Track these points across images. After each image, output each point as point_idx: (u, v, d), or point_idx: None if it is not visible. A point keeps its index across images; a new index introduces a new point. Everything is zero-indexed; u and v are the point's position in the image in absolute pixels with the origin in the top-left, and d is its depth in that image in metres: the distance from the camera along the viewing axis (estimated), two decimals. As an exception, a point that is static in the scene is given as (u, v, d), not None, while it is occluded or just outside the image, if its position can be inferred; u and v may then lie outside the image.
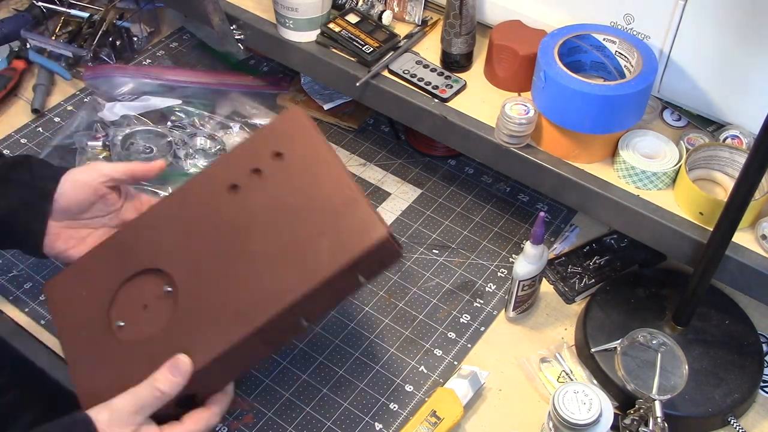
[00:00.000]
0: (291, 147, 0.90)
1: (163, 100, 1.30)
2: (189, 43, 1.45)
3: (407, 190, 1.22)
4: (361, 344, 1.04)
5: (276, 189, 0.88)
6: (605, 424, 0.84)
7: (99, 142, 1.21)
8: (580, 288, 1.08)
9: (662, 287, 1.04)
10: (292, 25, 1.10)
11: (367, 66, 1.08)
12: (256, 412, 0.98)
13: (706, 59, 0.93)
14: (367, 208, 0.83)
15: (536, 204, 1.20)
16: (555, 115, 0.95)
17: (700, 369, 0.95)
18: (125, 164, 0.99)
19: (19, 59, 1.36)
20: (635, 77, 0.91)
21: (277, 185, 0.89)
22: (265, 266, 0.84)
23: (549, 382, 0.99)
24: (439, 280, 1.10)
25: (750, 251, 0.90)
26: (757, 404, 0.98)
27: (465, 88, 1.06)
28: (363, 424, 0.96)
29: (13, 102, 1.34)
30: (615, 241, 1.13)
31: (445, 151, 1.25)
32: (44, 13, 1.42)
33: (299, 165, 0.89)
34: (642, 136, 0.97)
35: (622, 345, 0.91)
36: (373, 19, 1.12)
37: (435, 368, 1.01)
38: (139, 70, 1.34)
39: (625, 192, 0.95)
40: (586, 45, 0.97)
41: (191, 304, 0.85)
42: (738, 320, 1.01)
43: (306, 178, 0.88)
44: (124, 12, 1.41)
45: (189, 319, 0.85)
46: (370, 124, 1.32)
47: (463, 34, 1.04)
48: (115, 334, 0.87)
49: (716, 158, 0.95)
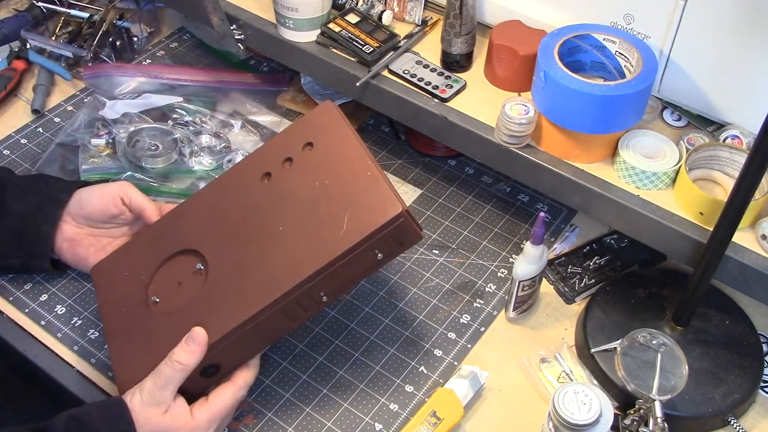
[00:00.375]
0: (321, 136, 0.96)
1: (164, 98, 1.30)
2: (189, 43, 1.45)
3: (407, 190, 1.22)
4: (362, 344, 1.04)
5: (304, 174, 0.94)
6: (605, 424, 0.84)
7: (102, 140, 1.21)
8: (580, 288, 1.08)
9: (662, 287, 1.04)
10: (292, 25, 1.10)
11: (367, 66, 1.08)
12: (256, 413, 0.98)
13: (706, 59, 0.92)
14: (386, 187, 0.88)
15: (536, 204, 1.20)
16: (555, 115, 0.95)
17: (700, 369, 0.95)
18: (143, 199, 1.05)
19: (19, 59, 1.36)
20: (635, 77, 0.91)
21: (305, 171, 0.95)
22: (290, 243, 0.90)
23: (549, 382, 0.99)
24: (439, 280, 1.10)
25: (750, 251, 0.90)
26: (757, 404, 0.98)
27: (465, 88, 1.06)
28: (363, 425, 0.96)
29: (13, 102, 1.34)
30: (615, 241, 1.13)
31: (445, 152, 1.25)
32: (44, 14, 1.42)
33: (327, 152, 0.95)
34: (642, 136, 0.97)
35: (622, 345, 0.91)
36: (373, 19, 1.12)
37: (435, 368, 1.01)
38: (138, 68, 1.34)
39: (625, 192, 0.95)
40: (586, 45, 0.97)
41: (219, 280, 0.92)
42: (738, 320, 1.01)
43: (332, 163, 0.93)
44: (124, 12, 1.41)
45: (215, 293, 0.92)
46: (370, 124, 1.32)
47: (463, 34, 1.04)
48: (150, 309, 0.94)
49: (716, 158, 0.95)
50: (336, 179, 0.92)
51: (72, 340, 1.03)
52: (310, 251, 0.88)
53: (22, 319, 1.05)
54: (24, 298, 1.07)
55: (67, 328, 1.04)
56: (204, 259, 0.95)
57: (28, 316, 1.06)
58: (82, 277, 1.09)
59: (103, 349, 1.02)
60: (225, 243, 0.94)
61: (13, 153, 1.25)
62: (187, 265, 0.96)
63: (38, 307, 1.07)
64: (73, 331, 1.04)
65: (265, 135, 1.28)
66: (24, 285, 1.09)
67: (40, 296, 1.08)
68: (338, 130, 0.96)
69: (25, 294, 1.08)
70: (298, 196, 0.93)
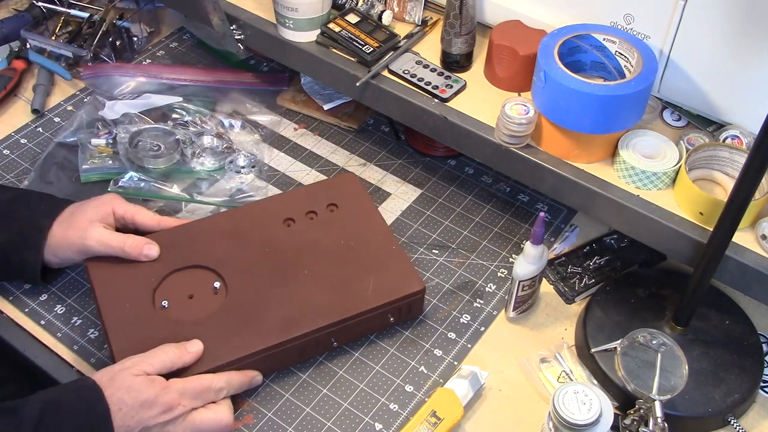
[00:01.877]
0: (344, 201, 1.09)
1: (164, 98, 1.30)
2: (189, 43, 1.45)
3: (407, 190, 1.22)
4: (361, 344, 1.04)
5: (328, 231, 1.05)
6: (605, 424, 0.84)
7: (102, 140, 1.21)
8: (580, 288, 1.08)
9: (662, 287, 1.04)
10: (292, 25, 1.10)
11: (367, 66, 1.08)
12: (256, 413, 0.97)
13: (706, 59, 0.92)
14: (410, 265, 1.03)
15: (536, 204, 1.20)
16: (555, 115, 0.95)
17: (700, 369, 0.95)
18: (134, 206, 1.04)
19: (19, 59, 1.36)
20: (635, 77, 0.91)
21: (329, 228, 1.06)
22: (314, 288, 0.99)
23: (549, 382, 0.99)
24: (439, 280, 1.10)
25: (750, 251, 0.90)
26: (757, 404, 0.98)
27: (465, 88, 1.06)
28: (363, 424, 0.96)
29: (13, 102, 1.34)
30: (615, 241, 1.13)
31: (445, 151, 1.25)
32: (44, 13, 1.42)
33: (351, 217, 1.07)
34: (642, 136, 0.97)
35: (622, 345, 0.91)
36: (373, 19, 1.12)
37: (435, 368, 1.01)
38: (138, 68, 1.34)
39: (625, 192, 0.95)
40: (586, 45, 0.97)
41: (238, 305, 0.97)
42: (738, 320, 1.01)
43: (356, 228, 1.06)
44: (124, 12, 1.41)
45: (233, 316, 0.96)
46: (370, 125, 1.31)
47: (463, 34, 1.04)
48: (158, 312, 0.97)
49: (716, 158, 0.95)
50: (361, 243, 1.04)
51: (72, 339, 1.03)
52: (335, 301, 0.98)
53: (22, 319, 1.05)
54: (24, 297, 1.07)
55: (66, 328, 1.04)
56: (223, 280, 0.99)
57: (27, 316, 1.06)
58: (82, 277, 1.09)
59: (102, 348, 1.02)
60: (246, 272, 1.00)
61: (13, 153, 1.25)
62: (203, 282, 1.00)
63: (38, 306, 1.07)
64: (72, 330, 1.04)
65: (265, 135, 1.28)
66: (24, 285, 1.09)
67: (40, 296, 1.08)
68: (361, 200, 1.09)
69: (24, 294, 1.08)
70: (323, 248, 1.03)
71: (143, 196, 1.17)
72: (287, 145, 1.27)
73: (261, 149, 1.25)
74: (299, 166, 1.24)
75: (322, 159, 1.26)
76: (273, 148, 1.27)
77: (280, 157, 1.26)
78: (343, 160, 1.25)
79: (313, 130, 1.30)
